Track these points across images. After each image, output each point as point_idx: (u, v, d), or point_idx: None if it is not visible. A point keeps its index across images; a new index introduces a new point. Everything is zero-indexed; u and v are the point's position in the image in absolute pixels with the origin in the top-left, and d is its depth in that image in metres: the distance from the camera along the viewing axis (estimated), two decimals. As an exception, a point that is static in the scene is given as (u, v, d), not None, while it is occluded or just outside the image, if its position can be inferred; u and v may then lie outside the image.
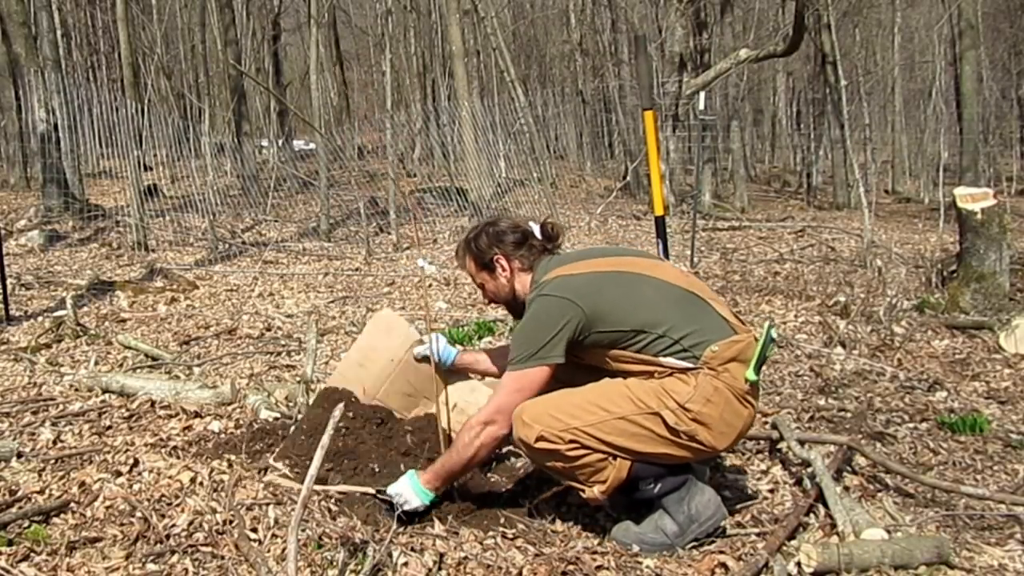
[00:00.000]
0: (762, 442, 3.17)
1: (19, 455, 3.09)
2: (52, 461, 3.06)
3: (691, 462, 2.43)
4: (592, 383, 2.40)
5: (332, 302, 6.57)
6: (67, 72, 14.18)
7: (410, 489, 2.47)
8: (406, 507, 2.46)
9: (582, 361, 2.45)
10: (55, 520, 2.55)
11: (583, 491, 2.37)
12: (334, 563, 2.23)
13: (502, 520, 2.54)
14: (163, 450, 3.12)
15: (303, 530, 2.36)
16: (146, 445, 3.18)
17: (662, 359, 2.34)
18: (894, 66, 19.95)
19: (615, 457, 2.32)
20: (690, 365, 2.33)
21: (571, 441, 2.29)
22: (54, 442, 3.31)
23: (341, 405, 2.43)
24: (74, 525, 2.52)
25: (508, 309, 2.70)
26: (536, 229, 2.59)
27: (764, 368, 2.44)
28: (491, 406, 2.43)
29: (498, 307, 2.76)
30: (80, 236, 10.06)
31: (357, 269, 8.44)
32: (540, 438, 2.30)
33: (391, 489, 2.49)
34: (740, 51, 11.72)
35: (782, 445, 3.03)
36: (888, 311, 5.03)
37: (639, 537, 2.39)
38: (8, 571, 2.21)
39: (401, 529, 2.42)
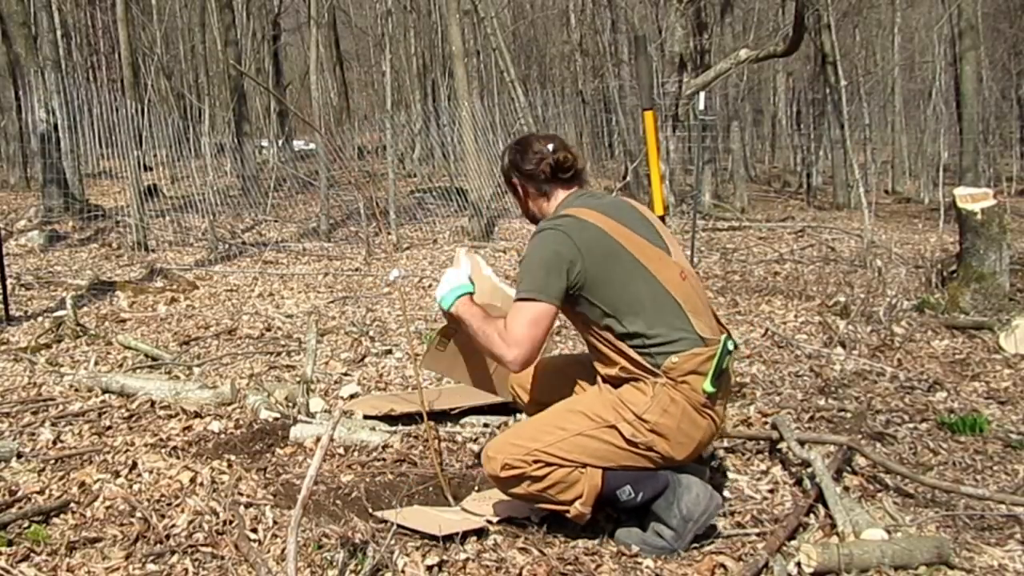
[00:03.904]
0: (762, 442, 3.17)
1: (19, 455, 3.09)
2: (52, 461, 3.06)
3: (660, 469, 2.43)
4: (550, 407, 2.44)
5: (332, 302, 6.57)
6: (67, 72, 14.17)
7: (448, 285, 2.50)
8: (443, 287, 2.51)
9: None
10: (55, 520, 2.55)
11: (567, 511, 2.36)
12: (334, 563, 2.24)
13: (502, 520, 2.54)
14: (163, 450, 3.12)
15: (303, 530, 2.36)
16: (146, 445, 3.18)
17: (628, 350, 2.35)
18: (894, 66, 19.94)
19: (584, 467, 2.33)
20: (648, 364, 2.33)
21: (535, 462, 2.31)
22: (54, 442, 3.31)
23: (343, 405, 2.42)
24: (74, 525, 2.52)
25: (530, 221, 2.70)
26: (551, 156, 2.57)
27: (722, 377, 2.42)
28: (506, 335, 2.35)
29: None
30: (80, 236, 10.07)
31: (357, 269, 8.44)
32: (505, 466, 2.32)
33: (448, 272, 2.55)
34: (740, 51, 11.70)
35: (782, 445, 3.03)
36: (888, 311, 5.03)
37: (642, 540, 2.40)
38: (8, 571, 2.21)
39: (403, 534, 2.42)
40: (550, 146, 2.57)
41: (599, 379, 2.47)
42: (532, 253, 2.42)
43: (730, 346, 2.42)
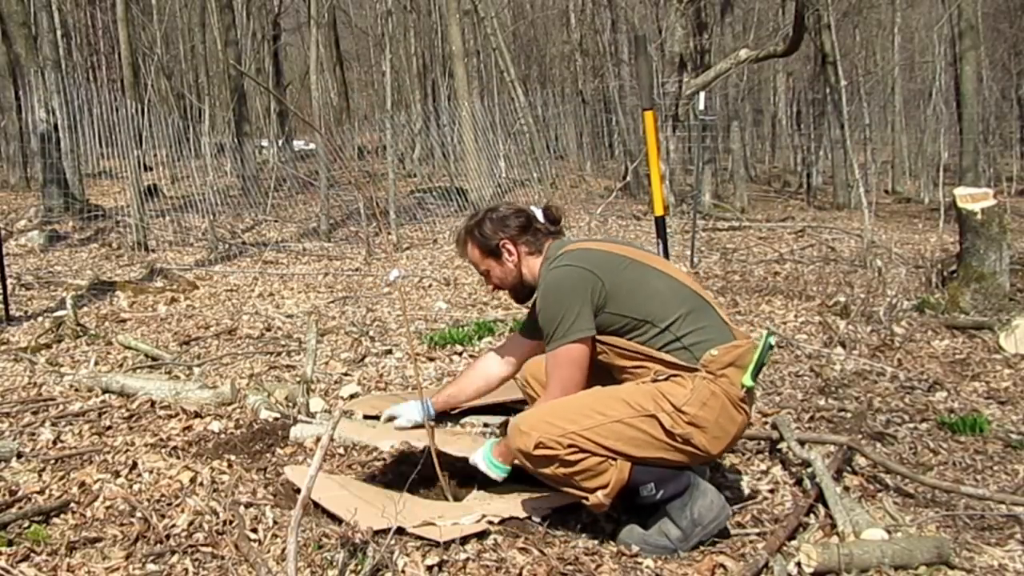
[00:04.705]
0: (762, 442, 3.17)
1: (19, 455, 3.09)
2: (52, 461, 3.06)
3: (685, 467, 2.43)
4: (589, 390, 2.43)
5: (332, 302, 6.57)
6: (67, 72, 14.18)
7: (483, 460, 2.53)
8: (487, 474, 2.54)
9: None
10: (55, 520, 2.55)
11: (586, 499, 2.36)
12: (334, 563, 2.23)
13: (503, 521, 2.53)
14: (163, 450, 3.12)
15: (303, 530, 2.36)
16: (146, 445, 3.18)
17: (663, 354, 2.36)
18: (894, 66, 19.96)
19: (615, 458, 2.32)
20: (688, 364, 2.35)
21: (570, 446, 2.29)
22: (54, 442, 3.31)
23: (343, 405, 2.42)
24: (74, 525, 2.52)
25: (514, 295, 2.71)
26: (539, 213, 2.63)
27: (761, 372, 2.45)
28: (551, 389, 2.45)
29: (502, 292, 2.78)
30: (80, 236, 10.07)
31: (357, 269, 8.44)
32: (539, 444, 2.30)
33: (472, 458, 2.56)
34: (740, 51, 11.71)
35: (782, 445, 3.03)
36: (888, 311, 5.03)
37: (643, 539, 2.39)
38: (8, 571, 2.21)
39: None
40: (532, 207, 2.66)
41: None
42: (549, 296, 2.44)
43: (772, 341, 2.45)
